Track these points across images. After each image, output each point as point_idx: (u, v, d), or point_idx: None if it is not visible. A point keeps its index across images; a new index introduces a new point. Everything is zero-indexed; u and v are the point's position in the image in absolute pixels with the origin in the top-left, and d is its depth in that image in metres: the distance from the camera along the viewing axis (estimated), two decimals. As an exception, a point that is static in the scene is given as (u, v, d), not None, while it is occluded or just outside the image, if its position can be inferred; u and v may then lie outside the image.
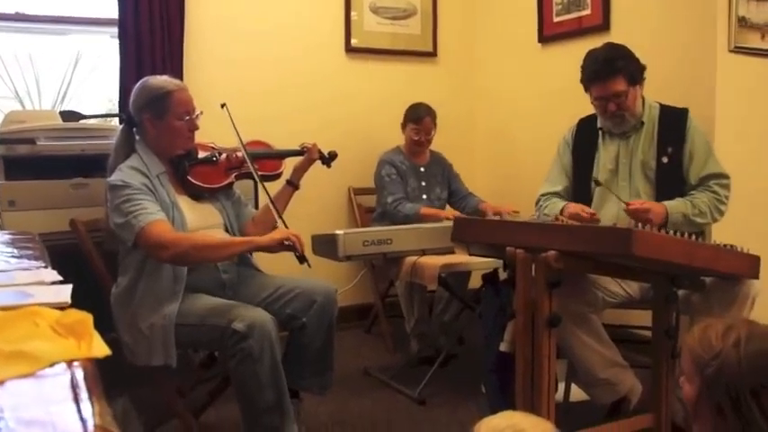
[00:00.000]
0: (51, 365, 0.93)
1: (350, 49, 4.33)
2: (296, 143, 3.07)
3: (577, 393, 3.02)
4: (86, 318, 1.08)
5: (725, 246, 2.42)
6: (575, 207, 2.86)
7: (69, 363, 0.95)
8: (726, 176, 2.83)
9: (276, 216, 2.67)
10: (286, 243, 2.43)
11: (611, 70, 2.79)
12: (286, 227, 2.59)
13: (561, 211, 2.88)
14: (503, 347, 2.93)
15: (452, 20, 4.67)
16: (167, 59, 3.69)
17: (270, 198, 2.70)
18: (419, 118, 3.93)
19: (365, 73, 4.40)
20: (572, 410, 2.98)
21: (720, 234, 3.03)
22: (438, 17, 4.60)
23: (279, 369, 2.35)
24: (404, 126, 4.00)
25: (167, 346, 2.40)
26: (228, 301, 2.50)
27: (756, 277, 2.49)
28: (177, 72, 3.63)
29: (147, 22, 3.64)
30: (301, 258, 2.43)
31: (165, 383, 2.55)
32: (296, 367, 2.61)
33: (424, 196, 3.97)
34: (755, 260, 2.46)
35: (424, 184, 3.99)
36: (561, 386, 3.07)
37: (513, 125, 4.53)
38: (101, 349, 1.00)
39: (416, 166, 3.99)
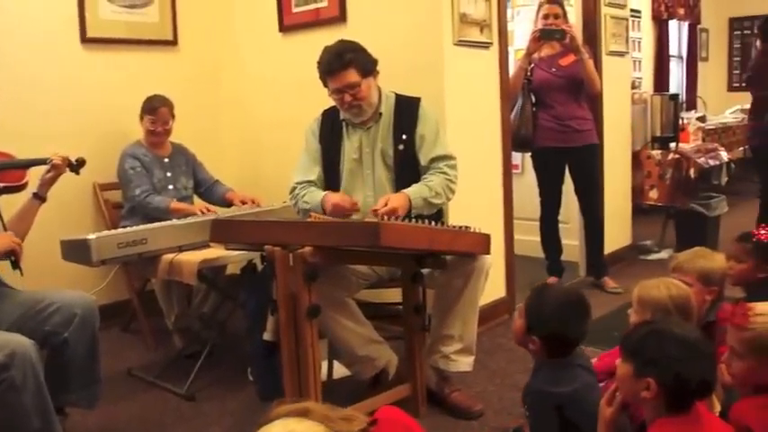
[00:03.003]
0: None
1: (86, 40, 4.14)
2: (34, 142, 2.92)
3: (340, 370, 3.20)
4: None
5: (461, 228, 2.69)
6: (334, 197, 2.95)
7: None
8: (453, 158, 3.08)
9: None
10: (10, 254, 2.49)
11: (342, 63, 2.94)
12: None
13: (323, 201, 2.97)
14: (266, 336, 3.05)
15: (192, 7, 4.61)
16: None
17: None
18: (154, 109, 3.88)
19: (103, 64, 4.23)
20: (336, 387, 3.15)
21: (455, 213, 3.35)
22: (177, 4, 4.52)
23: (44, 393, 2.28)
24: (141, 118, 3.92)
25: None
26: None
27: (488, 253, 2.81)
28: None
29: None
30: (15, 265, 2.52)
31: None
32: (60, 384, 2.53)
33: (171, 187, 3.93)
34: (487, 238, 2.77)
35: (169, 174, 3.95)
36: (324, 365, 3.24)
37: (258, 114, 4.60)
38: None
39: (160, 158, 3.94)
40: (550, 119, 4.38)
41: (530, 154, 4.64)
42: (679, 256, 2.75)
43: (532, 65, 4.40)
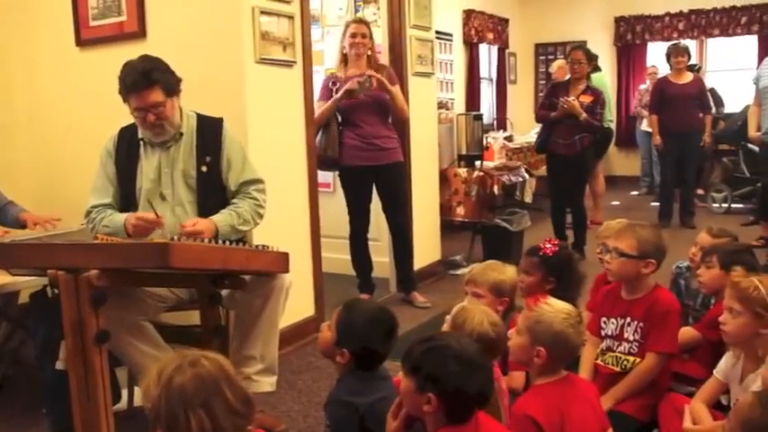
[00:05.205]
0: None
1: None
2: None
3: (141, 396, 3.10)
4: None
5: (257, 247, 2.68)
6: (133, 216, 2.86)
7: None
8: (261, 181, 3.09)
9: None
10: None
11: (149, 82, 2.86)
12: None
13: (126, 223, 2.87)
14: (59, 366, 2.89)
15: (-20, 17, 4.34)
16: None
17: None
18: None
19: None
20: (138, 415, 3.04)
21: (261, 233, 3.32)
22: (-38, 14, 4.24)
23: None
24: None
25: None
26: None
27: (287, 271, 2.80)
28: None
29: None
30: None
31: None
32: None
33: (-47, 210, 3.67)
34: (285, 256, 2.77)
35: (-47, 198, 3.69)
36: (125, 393, 3.13)
37: (55, 132, 4.36)
38: None
39: (-57, 181, 3.67)
40: (356, 137, 4.45)
41: (338, 173, 4.70)
42: (473, 269, 2.89)
43: (338, 84, 4.46)
